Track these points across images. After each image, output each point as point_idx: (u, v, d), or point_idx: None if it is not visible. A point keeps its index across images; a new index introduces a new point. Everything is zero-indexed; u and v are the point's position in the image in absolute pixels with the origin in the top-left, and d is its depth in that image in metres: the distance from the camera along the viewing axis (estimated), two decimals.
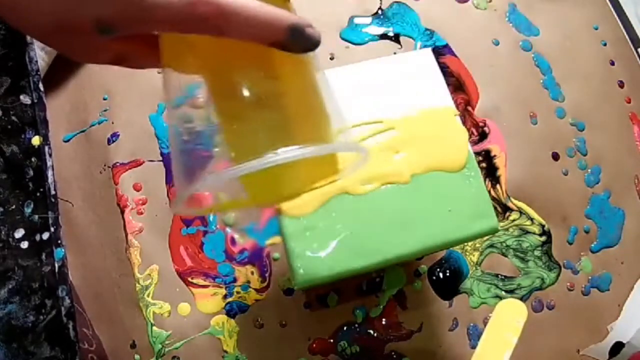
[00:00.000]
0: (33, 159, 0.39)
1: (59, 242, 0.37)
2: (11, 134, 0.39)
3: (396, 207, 0.31)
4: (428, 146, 0.32)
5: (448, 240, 0.31)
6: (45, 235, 0.37)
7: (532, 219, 0.44)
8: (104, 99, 0.45)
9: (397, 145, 0.32)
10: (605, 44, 0.51)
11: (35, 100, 0.40)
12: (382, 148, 0.32)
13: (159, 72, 0.46)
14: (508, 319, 0.30)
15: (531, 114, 0.47)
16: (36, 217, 0.38)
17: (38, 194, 0.38)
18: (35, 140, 0.39)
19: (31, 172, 0.38)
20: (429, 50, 0.35)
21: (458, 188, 0.32)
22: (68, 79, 0.46)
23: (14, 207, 0.38)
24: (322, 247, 0.30)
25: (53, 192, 0.38)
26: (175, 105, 0.24)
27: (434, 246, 0.30)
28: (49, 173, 0.38)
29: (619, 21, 0.52)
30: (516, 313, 0.30)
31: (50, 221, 0.37)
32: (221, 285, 0.40)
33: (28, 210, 0.38)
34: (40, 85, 0.41)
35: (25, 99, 0.40)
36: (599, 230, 0.44)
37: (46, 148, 0.39)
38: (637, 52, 0.51)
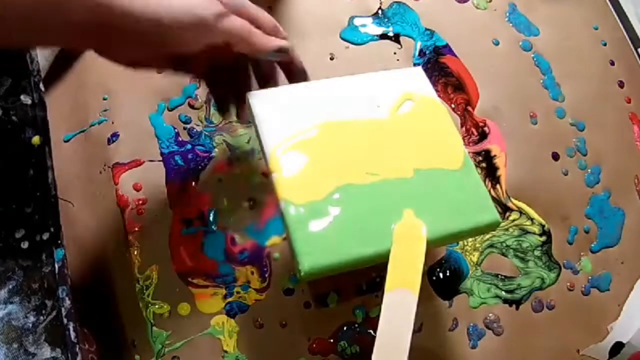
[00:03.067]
0: (33, 159, 0.39)
1: (59, 242, 0.37)
2: (11, 134, 0.39)
3: (399, 200, 0.31)
4: (426, 143, 0.33)
5: (450, 233, 0.31)
6: (46, 236, 0.37)
7: (532, 219, 0.44)
8: (104, 99, 0.45)
9: (394, 144, 0.33)
10: (605, 44, 0.51)
11: (36, 101, 0.40)
12: (380, 146, 0.33)
13: (158, 72, 0.46)
14: (409, 237, 0.30)
15: (531, 114, 0.47)
16: (36, 217, 0.38)
17: (38, 194, 0.38)
18: (36, 140, 0.39)
19: (31, 172, 0.38)
20: (419, 69, 0.37)
21: (457, 184, 0.32)
22: (68, 79, 0.46)
23: (14, 207, 0.38)
24: (327, 236, 0.30)
25: (53, 192, 0.38)
26: None
27: (436, 239, 0.31)
28: (49, 173, 0.39)
29: (619, 21, 0.52)
30: (414, 230, 0.30)
31: (51, 221, 0.37)
32: (221, 285, 0.40)
33: (28, 211, 0.38)
34: (41, 86, 0.41)
35: (25, 99, 0.40)
36: (599, 230, 0.44)
37: (46, 148, 0.39)
38: (637, 52, 0.51)
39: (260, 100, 0.34)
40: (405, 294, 0.28)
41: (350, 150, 0.32)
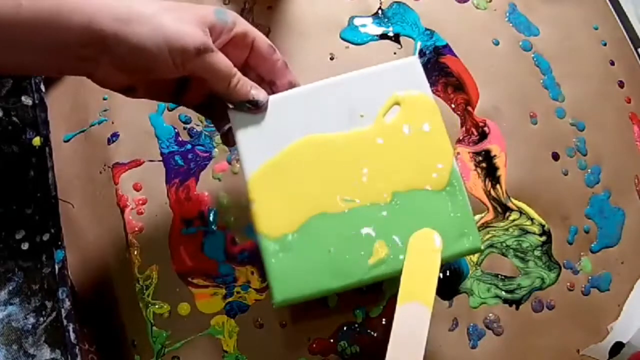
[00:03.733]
0: (34, 160, 0.39)
1: (59, 243, 0.37)
2: (12, 135, 0.39)
3: (375, 227, 0.31)
4: (410, 159, 0.32)
5: None
6: (46, 237, 0.37)
7: (532, 219, 0.44)
8: (104, 99, 0.45)
9: (376, 160, 0.32)
10: (605, 44, 0.51)
11: (37, 102, 0.40)
12: (360, 163, 0.32)
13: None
14: (423, 249, 0.29)
15: (531, 114, 0.47)
16: (36, 218, 0.38)
17: (39, 195, 0.38)
18: (36, 141, 0.39)
19: (32, 173, 0.39)
20: (415, 59, 0.34)
21: (440, 206, 0.31)
22: (68, 79, 0.46)
23: (14, 207, 0.38)
24: (301, 266, 0.30)
25: (53, 193, 0.38)
26: None
27: None
28: (50, 174, 0.39)
29: (619, 21, 0.52)
30: (429, 241, 0.29)
31: (51, 222, 0.37)
32: (221, 285, 0.40)
33: (28, 212, 0.38)
34: (42, 87, 0.41)
35: (26, 100, 0.40)
36: (599, 230, 0.44)
37: (47, 149, 0.39)
38: (637, 52, 0.51)
39: (241, 121, 0.33)
40: (419, 308, 0.27)
41: (326, 174, 0.32)
